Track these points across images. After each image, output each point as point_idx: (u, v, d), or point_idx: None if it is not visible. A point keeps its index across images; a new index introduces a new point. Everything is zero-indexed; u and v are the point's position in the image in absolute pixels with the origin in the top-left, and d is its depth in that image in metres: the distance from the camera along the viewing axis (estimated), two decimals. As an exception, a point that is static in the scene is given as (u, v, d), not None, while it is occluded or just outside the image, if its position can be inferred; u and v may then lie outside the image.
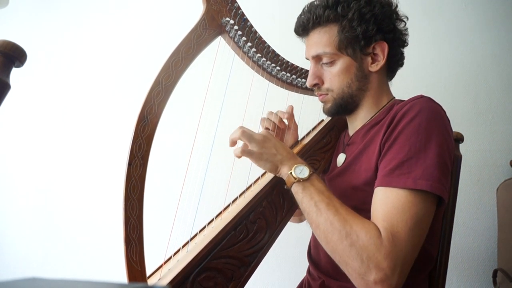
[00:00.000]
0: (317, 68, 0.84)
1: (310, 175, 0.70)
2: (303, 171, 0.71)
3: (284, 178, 0.73)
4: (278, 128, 0.93)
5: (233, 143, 0.75)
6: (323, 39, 0.81)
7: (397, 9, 0.84)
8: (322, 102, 0.88)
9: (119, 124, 1.77)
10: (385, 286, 0.57)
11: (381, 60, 0.81)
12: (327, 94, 0.85)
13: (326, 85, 0.84)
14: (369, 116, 0.85)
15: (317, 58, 0.84)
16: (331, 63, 0.82)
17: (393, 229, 0.60)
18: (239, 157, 0.73)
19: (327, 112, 0.88)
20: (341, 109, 0.85)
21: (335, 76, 0.82)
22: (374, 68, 0.82)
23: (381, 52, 0.81)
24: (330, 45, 0.80)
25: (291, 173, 0.71)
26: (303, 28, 0.86)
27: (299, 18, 0.87)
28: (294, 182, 0.70)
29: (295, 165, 0.71)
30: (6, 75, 0.40)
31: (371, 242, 0.59)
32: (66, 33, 1.99)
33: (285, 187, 0.75)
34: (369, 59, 0.82)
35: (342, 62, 0.81)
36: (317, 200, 0.67)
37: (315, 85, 0.85)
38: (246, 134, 0.73)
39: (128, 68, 1.83)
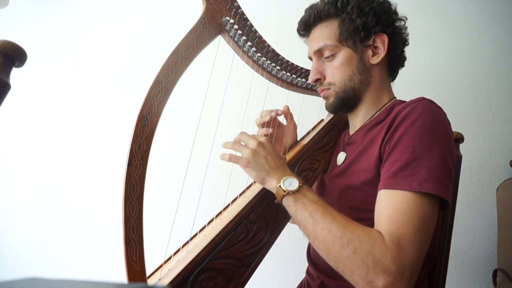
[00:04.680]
0: (319, 64, 0.85)
1: (300, 187, 0.68)
2: (292, 183, 0.68)
3: (273, 191, 0.71)
4: (274, 126, 0.92)
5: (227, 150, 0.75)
6: (324, 33, 0.83)
7: (396, 9, 0.85)
8: (324, 98, 0.88)
9: (118, 124, 1.77)
10: None
11: (382, 53, 0.82)
12: (329, 89, 0.85)
13: (328, 79, 0.84)
14: (370, 113, 0.85)
15: (319, 53, 0.84)
16: (332, 56, 0.82)
17: (399, 231, 0.59)
18: (226, 160, 0.72)
19: (329, 108, 0.87)
20: (344, 103, 0.84)
21: (337, 69, 0.82)
22: (375, 60, 0.82)
23: (381, 44, 0.82)
24: (331, 38, 0.82)
25: (280, 186, 0.68)
26: (306, 25, 0.87)
27: (301, 18, 0.88)
28: (284, 195, 0.68)
29: (284, 178, 0.69)
30: (6, 75, 0.40)
31: (376, 247, 0.57)
32: (66, 33, 1.99)
33: (275, 201, 0.72)
34: (370, 52, 0.82)
35: (343, 54, 0.82)
36: (311, 210, 0.65)
37: (316, 80, 0.85)
38: (238, 144, 0.73)
39: (127, 68, 1.83)
